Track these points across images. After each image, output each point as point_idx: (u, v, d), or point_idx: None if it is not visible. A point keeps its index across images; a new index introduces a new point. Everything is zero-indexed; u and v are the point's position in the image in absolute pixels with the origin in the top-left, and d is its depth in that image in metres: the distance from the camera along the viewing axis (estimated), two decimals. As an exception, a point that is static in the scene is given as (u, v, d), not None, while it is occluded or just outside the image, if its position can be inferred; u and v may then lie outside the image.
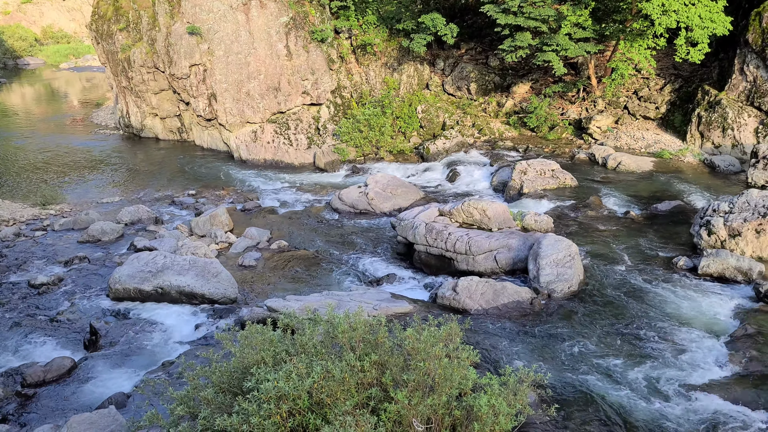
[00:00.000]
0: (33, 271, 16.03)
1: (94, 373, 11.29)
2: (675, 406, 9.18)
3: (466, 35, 29.47)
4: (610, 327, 11.60)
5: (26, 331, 12.98)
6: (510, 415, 6.08)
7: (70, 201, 22.01)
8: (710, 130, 22.55)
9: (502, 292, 12.59)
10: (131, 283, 14.10)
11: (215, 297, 13.90)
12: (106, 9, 29.74)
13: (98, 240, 17.99)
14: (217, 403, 6.52)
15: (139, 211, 19.75)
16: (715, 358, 10.53)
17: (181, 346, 12.18)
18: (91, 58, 60.87)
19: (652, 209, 17.82)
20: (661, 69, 25.83)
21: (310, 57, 26.86)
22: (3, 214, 20.05)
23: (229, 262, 16.22)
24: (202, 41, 26.50)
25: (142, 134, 30.50)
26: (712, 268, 13.51)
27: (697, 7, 21.11)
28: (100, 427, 8.05)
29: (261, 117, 26.74)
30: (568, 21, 23.03)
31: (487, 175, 22.48)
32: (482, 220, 15.33)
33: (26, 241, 18.06)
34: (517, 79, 28.18)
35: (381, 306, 11.79)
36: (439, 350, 6.29)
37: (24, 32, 66.52)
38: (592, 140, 24.39)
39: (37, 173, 25.36)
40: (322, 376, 6.00)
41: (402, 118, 26.53)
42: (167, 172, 25.20)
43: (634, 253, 14.92)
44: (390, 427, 5.89)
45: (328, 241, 17.71)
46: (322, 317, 7.40)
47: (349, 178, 24.09)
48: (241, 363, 6.84)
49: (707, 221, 14.59)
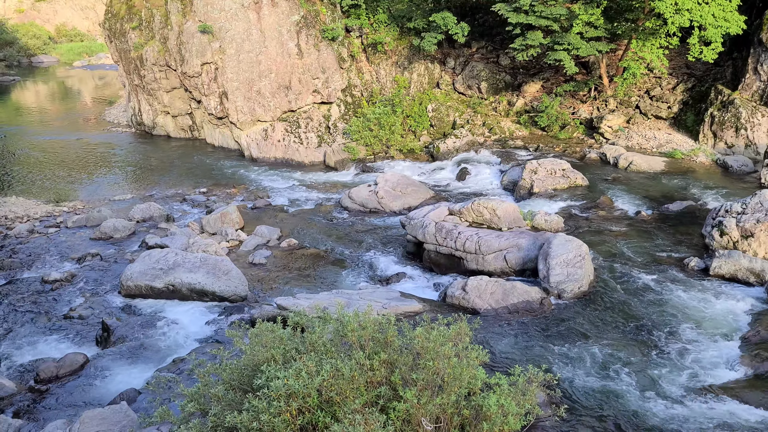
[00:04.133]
0: (46, 267, 16.21)
1: (106, 369, 11.40)
2: (685, 407, 9.13)
3: (477, 34, 29.39)
4: (620, 328, 11.56)
5: (39, 327, 13.14)
6: (519, 415, 6.08)
7: (82, 198, 22.21)
8: (723, 129, 22.37)
9: (511, 292, 12.57)
10: (143, 280, 14.21)
11: (226, 294, 13.98)
12: (119, 7, 29.95)
13: (110, 237, 18.15)
14: (227, 400, 6.57)
15: (151, 209, 19.90)
16: (726, 359, 10.46)
17: (191, 343, 12.26)
18: (104, 56, 61.32)
19: (663, 209, 17.72)
20: (673, 68, 25.65)
21: (320, 56, 26.92)
22: (17, 210, 20.28)
23: (239, 259, 16.30)
24: (213, 40, 26.62)
25: (154, 132, 30.70)
26: (724, 269, 13.42)
27: (710, 6, 20.94)
28: (111, 422, 8.12)
29: (272, 115, 26.83)
30: (580, 20, 22.92)
31: (497, 175, 22.43)
32: (492, 220, 15.30)
33: (40, 238, 18.25)
34: (528, 78, 28.08)
35: (390, 305, 11.81)
36: (448, 350, 6.30)
37: (38, 30, 67.17)
38: (604, 140, 24.26)
39: (51, 170, 25.59)
40: (331, 374, 6.03)
41: (412, 116, 26.52)
42: (178, 169, 25.35)
43: (644, 254, 14.84)
44: (399, 425, 5.90)
45: (338, 239, 17.76)
46: (331, 316, 7.43)
47: (358, 177, 24.11)
48: (251, 360, 6.87)
49: (719, 222, 14.49)
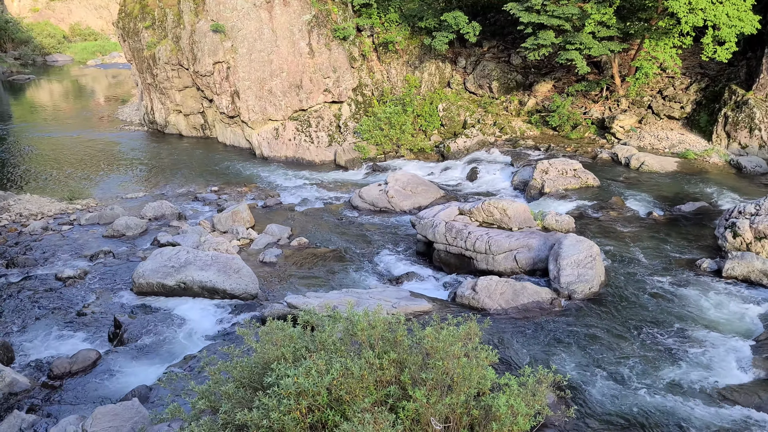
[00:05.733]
0: (59, 264, 16.37)
1: (118, 365, 11.51)
2: (696, 409, 9.08)
3: (489, 33, 29.32)
4: (630, 329, 11.50)
5: (53, 324, 13.28)
6: (528, 416, 6.07)
7: (95, 196, 22.40)
8: (737, 130, 22.17)
9: (521, 292, 12.55)
10: (154, 277, 14.32)
11: (236, 292, 14.06)
12: (133, 7, 30.17)
13: (122, 235, 18.30)
14: (237, 397, 6.61)
15: (163, 207, 20.04)
16: (738, 362, 10.39)
17: (202, 341, 12.35)
18: (118, 55, 61.79)
19: (675, 210, 17.60)
20: (686, 68, 25.45)
21: (332, 55, 26.97)
22: (32, 208, 20.50)
23: (250, 258, 16.39)
24: (225, 39, 26.75)
25: (166, 131, 30.90)
26: (737, 270, 13.32)
27: (724, 5, 20.76)
28: (123, 418, 8.20)
29: (283, 114, 26.92)
30: (592, 19, 22.80)
31: (508, 174, 22.36)
32: (502, 220, 15.27)
33: (53, 235, 18.44)
34: (539, 78, 27.97)
35: (400, 304, 11.83)
36: (457, 349, 6.31)
37: (52, 29, 67.81)
38: (615, 140, 24.13)
39: (65, 168, 25.84)
40: (341, 373, 6.05)
41: (423, 116, 26.51)
42: (190, 168, 25.50)
43: (656, 255, 14.75)
44: (408, 425, 5.92)
45: (348, 238, 17.79)
46: (341, 314, 7.45)
47: (369, 176, 24.13)
48: (261, 358, 6.91)
49: (732, 223, 14.38)
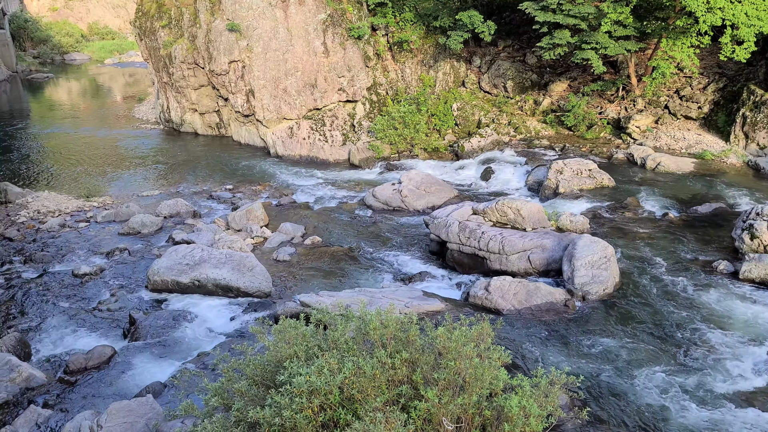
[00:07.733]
0: (76, 261, 16.57)
1: (133, 361, 11.64)
2: (710, 412, 8.99)
3: (504, 32, 29.18)
4: (645, 331, 11.40)
5: (69, 320, 13.45)
6: (541, 417, 6.05)
7: (112, 193, 22.63)
8: (756, 130, 21.89)
9: (535, 293, 12.49)
10: (169, 275, 14.45)
11: (250, 290, 14.14)
12: (150, 6, 30.43)
13: (138, 232, 18.47)
14: (250, 395, 6.66)
15: (178, 205, 20.19)
16: (754, 365, 10.27)
17: (216, 338, 12.45)
18: (134, 54, 62.32)
19: (691, 211, 17.41)
20: (704, 68, 25.16)
21: (346, 54, 27.00)
22: (49, 205, 20.76)
23: (264, 256, 16.47)
24: (241, 38, 26.90)
25: (182, 129, 31.12)
26: (754, 273, 13.15)
27: (743, 4, 20.49)
28: (138, 414, 8.29)
29: (297, 113, 27.01)
30: (609, 18, 22.60)
31: (522, 174, 22.25)
32: (516, 220, 15.21)
33: (70, 232, 18.66)
34: (554, 77, 27.80)
35: (413, 304, 11.83)
36: (470, 350, 6.30)
37: (71, 28, 68.60)
38: (631, 140, 23.91)
39: (82, 166, 26.13)
40: (353, 371, 6.07)
41: (437, 115, 26.46)
42: (205, 166, 25.67)
43: (671, 256, 14.61)
44: (420, 424, 5.92)
45: (361, 237, 17.82)
46: (354, 313, 7.47)
47: (383, 175, 24.14)
48: (274, 356, 6.95)
49: (750, 225, 14.20)
